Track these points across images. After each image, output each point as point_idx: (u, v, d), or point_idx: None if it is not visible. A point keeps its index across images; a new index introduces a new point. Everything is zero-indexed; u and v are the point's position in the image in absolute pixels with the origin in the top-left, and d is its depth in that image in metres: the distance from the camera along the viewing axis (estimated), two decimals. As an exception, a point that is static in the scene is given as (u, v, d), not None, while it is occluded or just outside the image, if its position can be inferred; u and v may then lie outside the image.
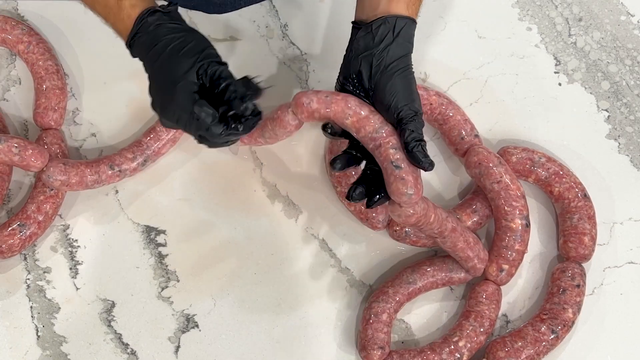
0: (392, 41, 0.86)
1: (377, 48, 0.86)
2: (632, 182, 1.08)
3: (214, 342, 0.99)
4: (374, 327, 0.95)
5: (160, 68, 0.83)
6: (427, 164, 0.84)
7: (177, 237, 1.04)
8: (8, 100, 1.11)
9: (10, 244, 0.98)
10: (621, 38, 1.16)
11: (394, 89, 0.85)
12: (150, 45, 0.83)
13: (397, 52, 0.86)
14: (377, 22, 0.86)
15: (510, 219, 0.98)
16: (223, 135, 0.79)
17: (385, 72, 0.85)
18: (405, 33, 0.87)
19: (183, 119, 0.80)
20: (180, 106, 0.80)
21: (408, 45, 0.88)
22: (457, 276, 0.98)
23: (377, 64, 0.86)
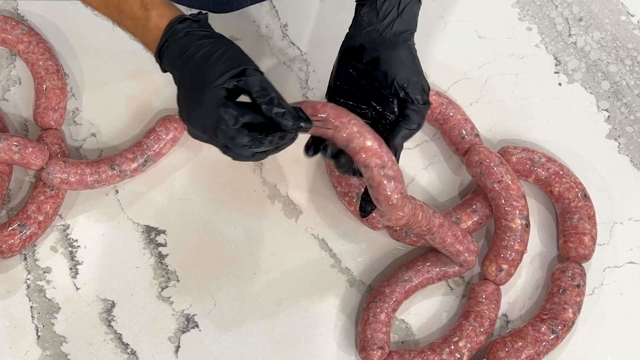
0: (397, 17, 0.85)
1: (381, 23, 0.85)
2: (632, 182, 1.08)
3: (214, 342, 0.99)
4: (372, 328, 0.95)
5: (190, 73, 0.79)
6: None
7: (177, 237, 1.04)
8: (8, 100, 1.11)
9: (11, 244, 0.98)
10: (621, 38, 1.16)
11: (400, 59, 0.84)
12: (180, 52, 0.80)
13: (401, 28, 0.85)
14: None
15: (511, 219, 0.98)
16: (247, 147, 0.74)
17: (390, 44, 0.85)
18: (410, 10, 0.86)
19: (208, 126, 0.75)
20: (206, 111, 0.75)
21: (412, 24, 0.87)
22: (452, 270, 0.98)
23: (381, 37, 0.85)
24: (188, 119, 0.79)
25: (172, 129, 1.04)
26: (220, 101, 0.75)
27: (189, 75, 0.79)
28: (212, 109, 0.75)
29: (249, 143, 0.74)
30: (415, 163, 1.09)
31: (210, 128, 0.75)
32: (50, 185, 1.00)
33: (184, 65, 0.79)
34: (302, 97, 1.12)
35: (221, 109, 0.74)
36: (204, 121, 0.76)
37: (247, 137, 0.74)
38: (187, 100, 0.79)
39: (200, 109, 0.76)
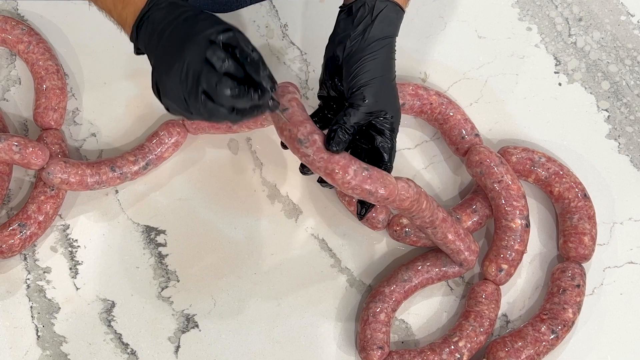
0: (371, 23, 0.83)
1: (355, 30, 0.83)
2: (632, 182, 1.08)
3: (214, 342, 0.99)
4: (372, 328, 0.95)
5: (172, 33, 0.76)
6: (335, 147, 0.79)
7: (177, 237, 1.04)
8: (8, 100, 1.11)
9: (11, 244, 0.98)
10: (621, 38, 1.16)
11: (359, 69, 0.82)
12: (163, 19, 0.78)
13: (375, 34, 0.83)
14: (357, 4, 0.84)
15: (511, 219, 0.98)
16: (229, 97, 0.72)
17: (357, 54, 0.83)
18: (385, 16, 0.84)
19: (191, 76, 0.72)
20: (191, 59, 0.72)
21: (389, 28, 0.85)
22: (452, 270, 0.98)
23: (351, 45, 0.83)
24: (167, 77, 0.75)
25: (175, 133, 1.04)
26: (206, 45, 0.72)
27: (171, 37, 0.76)
28: (197, 56, 0.72)
29: (232, 92, 0.72)
30: (415, 163, 1.09)
31: (192, 77, 0.72)
32: (51, 186, 1.00)
33: (166, 29, 0.77)
34: (302, 97, 1.12)
35: (209, 51, 0.72)
36: (186, 71, 0.73)
37: (231, 85, 0.72)
38: (166, 59, 0.76)
39: (181, 61, 0.73)
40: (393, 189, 0.82)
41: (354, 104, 0.82)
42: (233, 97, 0.72)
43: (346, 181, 0.80)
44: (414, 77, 1.13)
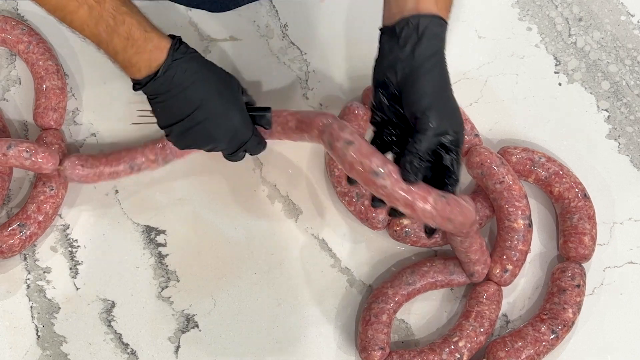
0: (418, 41, 0.78)
1: (402, 51, 0.79)
2: (632, 182, 1.08)
3: (214, 342, 0.99)
4: (374, 328, 0.95)
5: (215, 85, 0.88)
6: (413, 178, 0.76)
7: (177, 237, 1.04)
8: (8, 100, 1.11)
9: (11, 244, 0.98)
10: (621, 38, 1.16)
11: (414, 91, 0.78)
12: (199, 67, 0.87)
13: (425, 52, 0.78)
14: (400, 24, 0.79)
15: (513, 219, 0.98)
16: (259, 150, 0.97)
17: (411, 76, 0.79)
18: (431, 31, 0.79)
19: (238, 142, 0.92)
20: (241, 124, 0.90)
21: (437, 44, 0.80)
22: (457, 279, 0.98)
23: (403, 68, 0.79)
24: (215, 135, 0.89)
25: None
26: (249, 122, 0.92)
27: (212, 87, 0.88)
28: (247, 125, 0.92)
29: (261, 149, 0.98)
30: (415, 163, 1.09)
31: (237, 139, 0.91)
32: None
33: (204, 78, 0.87)
34: (302, 97, 1.12)
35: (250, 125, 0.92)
36: (233, 134, 0.90)
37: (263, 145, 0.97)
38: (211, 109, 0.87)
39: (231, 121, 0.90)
40: (469, 214, 0.80)
41: (422, 129, 0.77)
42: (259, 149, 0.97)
43: (427, 211, 0.77)
44: (414, 77, 1.13)
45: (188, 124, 0.87)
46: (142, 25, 0.83)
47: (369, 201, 0.97)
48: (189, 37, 1.14)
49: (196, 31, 1.15)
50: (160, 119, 0.90)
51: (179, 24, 1.15)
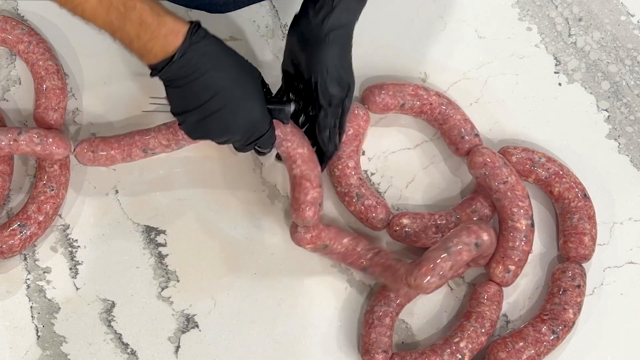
0: (330, 12, 0.84)
1: (315, 17, 0.84)
2: (632, 182, 1.08)
3: (214, 342, 0.99)
4: (377, 331, 0.95)
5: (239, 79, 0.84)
6: (332, 148, 0.88)
7: (177, 237, 1.04)
8: (8, 100, 1.11)
9: (11, 244, 0.98)
10: (621, 38, 1.16)
11: (323, 61, 0.84)
12: (218, 51, 0.83)
13: (334, 23, 0.84)
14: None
15: (517, 220, 0.98)
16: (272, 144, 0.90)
17: (317, 41, 0.84)
18: (345, 4, 0.85)
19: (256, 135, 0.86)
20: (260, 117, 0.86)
21: (347, 17, 0.86)
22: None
23: (311, 32, 0.84)
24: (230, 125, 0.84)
25: None
26: (269, 119, 0.87)
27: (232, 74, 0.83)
28: (264, 123, 0.87)
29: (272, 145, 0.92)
30: (415, 163, 1.09)
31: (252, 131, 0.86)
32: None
33: (223, 64, 0.83)
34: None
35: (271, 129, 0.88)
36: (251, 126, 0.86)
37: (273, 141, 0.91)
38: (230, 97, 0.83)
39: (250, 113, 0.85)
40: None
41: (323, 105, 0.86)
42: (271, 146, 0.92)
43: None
44: (414, 77, 1.13)
45: (204, 112, 0.83)
46: (155, 10, 0.81)
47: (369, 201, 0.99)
48: (189, 37, 1.14)
49: (196, 31, 1.15)
50: (175, 105, 0.85)
51: (179, 24, 1.15)
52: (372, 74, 1.12)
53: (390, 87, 1.06)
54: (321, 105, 0.85)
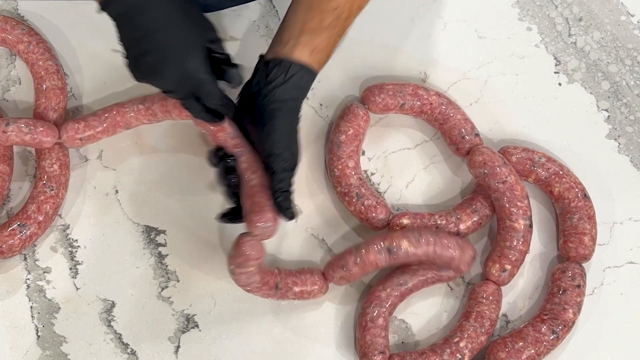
0: (282, 84, 0.88)
1: (266, 87, 0.88)
2: (632, 182, 1.08)
3: (214, 342, 0.99)
4: (372, 333, 0.95)
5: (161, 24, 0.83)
6: (288, 215, 0.89)
7: (177, 237, 1.04)
8: (8, 100, 1.11)
9: (11, 244, 0.98)
10: (621, 38, 1.16)
11: (274, 131, 0.88)
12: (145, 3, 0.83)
13: (284, 95, 0.89)
14: (274, 62, 0.89)
15: (515, 219, 0.98)
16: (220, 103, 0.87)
17: (267, 112, 0.88)
18: (298, 80, 0.89)
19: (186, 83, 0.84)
20: (190, 73, 0.83)
21: (298, 92, 0.91)
22: (447, 274, 0.98)
23: (262, 103, 0.88)
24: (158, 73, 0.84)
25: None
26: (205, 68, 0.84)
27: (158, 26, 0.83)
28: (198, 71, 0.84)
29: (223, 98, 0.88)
30: (415, 163, 1.09)
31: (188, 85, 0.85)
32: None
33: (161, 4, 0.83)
34: (302, 97, 1.12)
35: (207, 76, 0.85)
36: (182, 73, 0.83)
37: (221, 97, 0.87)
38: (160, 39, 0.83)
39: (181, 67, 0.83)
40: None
41: (278, 168, 0.89)
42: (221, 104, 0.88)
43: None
44: (414, 77, 1.13)
45: (136, 51, 0.84)
46: None
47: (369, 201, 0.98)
48: (189, 37, 1.14)
49: (196, 31, 1.15)
50: (122, 44, 0.85)
51: (179, 24, 1.15)
52: (372, 74, 1.13)
53: (390, 87, 1.07)
54: (275, 171, 0.88)
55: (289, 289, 0.96)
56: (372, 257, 0.93)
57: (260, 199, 0.89)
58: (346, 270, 0.94)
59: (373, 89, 1.07)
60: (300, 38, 0.89)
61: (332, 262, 0.97)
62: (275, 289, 0.95)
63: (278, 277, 0.96)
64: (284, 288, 0.96)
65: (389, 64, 1.14)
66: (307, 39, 0.89)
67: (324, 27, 0.90)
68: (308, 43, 0.89)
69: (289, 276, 0.97)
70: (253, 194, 0.90)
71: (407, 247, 0.93)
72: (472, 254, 0.96)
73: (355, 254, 0.94)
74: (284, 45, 0.90)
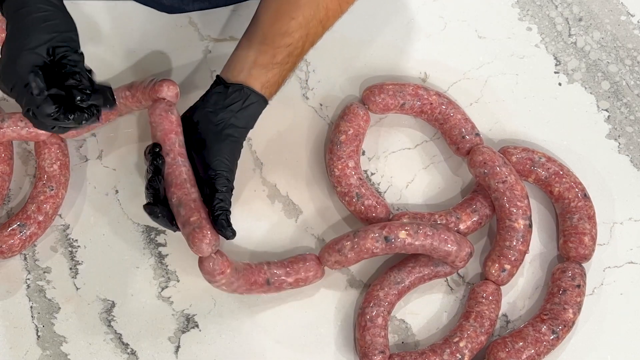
0: (239, 110, 0.92)
1: (223, 110, 0.92)
2: (632, 182, 1.08)
3: (214, 342, 0.99)
4: (371, 333, 0.95)
5: (18, 29, 0.79)
6: (230, 233, 0.89)
7: (177, 237, 1.04)
8: (8, 100, 1.11)
9: (11, 244, 0.98)
10: (621, 38, 1.16)
11: (221, 152, 0.91)
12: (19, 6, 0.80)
13: (239, 122, 0.93)
14: (235, 87, 0.92)
15: (514, 219, 0.98)
16: (51, 118, 0.76)
17: (220, 134, 0.92)
18: (254, 109, 0.94)
19: (17, 87, 0.77)
20: (18, 72, 0.77)
21: (250, 121, 0.95)
22: (443, 270, 0.98)
23: (216, 124, 0.91)
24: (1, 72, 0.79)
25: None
26: (31, 67, 0.76)
27: (17, 31, 0.79)
28: (23, 72, 0.76)
29: (53, 114, 0.76)
30: (415, 163, 1.09)
31: (18, 89, 0.77)
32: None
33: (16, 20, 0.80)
34: (302, 97, 1.12)
35: (31, 75, 0.76)
36: (14, 80, 0.77)
37: (53, 108, 0.76)
38: (5, 56, 0.79)
39: (13, 67, 0.77)
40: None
41: (219, 189, 0.90)
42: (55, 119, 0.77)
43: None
44: (414, 77, 1.13)
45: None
46: None
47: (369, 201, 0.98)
48: (189, 37, 1.15)
49: (196, 31, 1.15)
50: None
51: (179, 24, 1.15)
52: (372, 74, 1.13)
53: (390, 87, 1.07)
54: (218, 190, 0.90)
55: (283, 280, 0.96)
56: (369, 245, 0.94)
57: (197, 218, 0.89)
58: (342, 254, 0.95)
59: (373, 89, 1.07)
60: (252, 71, 0.93)
61: (328, 245, 0.97)
62: (267, 284, 0.95)
63: (268, 273, 0.96)
64: (277, 281, 0.96)
65: (389, 64, 1.14)
66: (258, 72, 0.93)
67: (276, 62, 0.94)
68: (260, 77, 0.93)
69: (280, 268, 0.97)
70: (190, 212, 0.89)
71: (405, 238, 0.93)
72: (469, 250, 0.96)
73: (352, 239, 0.95)
74: (238, 75, 0.93)
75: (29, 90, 0.76)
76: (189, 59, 1.13)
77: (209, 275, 0.90)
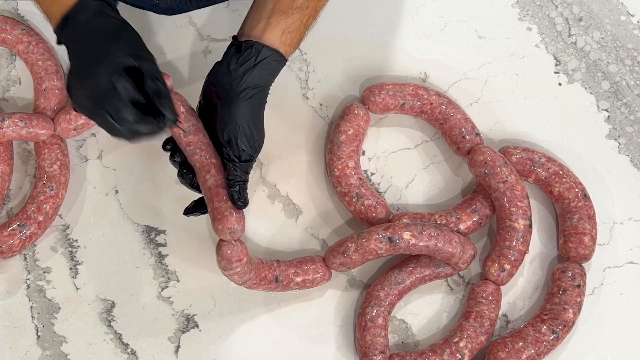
0: (252, 68, 0.86)
1: (237, 70, 0.86)
2: (632, 182, 1.08)
3: (214, 342, 0.99)
4: (371, 333, 0.95)
5: (91, 44, 0.80)
6: (240, 204, 0.86)
7: (177, 237, 1.04)
8: (8, 100, 1.11)
9: (11, 244, 0.98)
10: (621, 38, 1.16)
11: (237, 115, 0.86)
12: (86, 24, 0.81)
13: (253, 81, 0.87)
14: (247, 44, 0.87)
15: (515, 219, 0.98)
16: (130, 123, 0.76)
17: (233, 95, 0.86)
18: (267, 63, 0.87)
19: (97, 94, 0.77)
20: (100, 78, 0.76)
21: (267, 77, 0.88)
22: (444, 271, 0.98)
23: (230, 86, 0.86)
24: (77, 87, 0.79)
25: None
26: (116, 71, 0.76)
27: (89, 46, 0.79)
28: (106, 77, 0.76)
29: (133, 119, 0.76)
30: (415, 163, 1.09)
31: (99, 96, 0.76)
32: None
33: (86, 36, 0.80)
34: (302, 97, 1.12)
35: (115, 76, 0.76)
36: (94, 89, 0.77)
37: (133, 113, 0.76)
38: (81, 69, 0.79)
39: (93, 77, 0.77)
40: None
41: (234, 158, 0.86)
42: (135, 122, 0.76)
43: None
44: (414, 77, 1.13)
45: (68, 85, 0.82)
46: None
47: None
48: (189, 37, 1.15)
49: (196, 31, 1.15)
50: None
51: (179, 24, 1.15)
52: (372, 74, 1.13)
53: (390, 87, 1.07)
54: (232, 159, 0.87)
55: (291, 280, 0.96)
56: (373, 246, 0.94)
57: (218, 204, 0.87)
58: (346, 256, 0.95)
59: (373, 89, 1.07)
60: (271, 19, 0.88)
61: (333, 247, 0.97)
62: (275, 281, 0.95)
63: (277, 270, 0.96)
64: (285, 280, 0.96)
65: (389, 64, 1.14)
66: (278, 19, 0.88)
67: (296, 7, 0.89)
68: (279, 24, 0.88)
69: (290, 267, 0.97)
70: (211, 198, 0.88)
71: (409, 238, 0.93)
72: (472, 252, 0.96)
73: (356, 241, 0.95)
74: (255, 26, 0.88)
75: (111, 95, 0.76)
76: (189, 59, 1.13)
77: (226, 262, 0.88)
